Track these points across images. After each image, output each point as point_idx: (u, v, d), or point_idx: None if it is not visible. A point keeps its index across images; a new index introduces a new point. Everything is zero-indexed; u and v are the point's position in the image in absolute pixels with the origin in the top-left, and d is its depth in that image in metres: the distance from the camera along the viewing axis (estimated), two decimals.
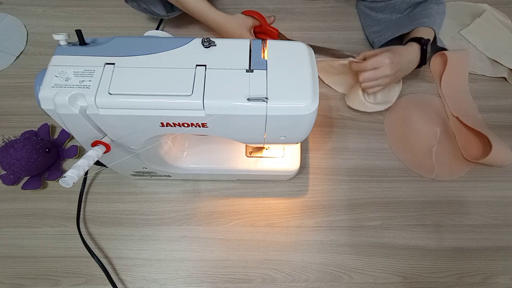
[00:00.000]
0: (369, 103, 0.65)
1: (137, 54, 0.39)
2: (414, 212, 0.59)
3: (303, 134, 0.44)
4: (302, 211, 0.59)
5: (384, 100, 0.66)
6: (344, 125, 0.67)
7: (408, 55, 0.62)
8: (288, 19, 0.79)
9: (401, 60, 0.61)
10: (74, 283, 0.54)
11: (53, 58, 0.38)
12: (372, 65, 0.59)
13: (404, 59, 0.61)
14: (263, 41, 0.40)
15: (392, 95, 0.68)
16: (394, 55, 0.59)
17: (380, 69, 0.59)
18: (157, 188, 0.61)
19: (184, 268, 0.55)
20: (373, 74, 0.59)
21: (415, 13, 0.68)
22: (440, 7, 0.67)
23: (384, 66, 0.58)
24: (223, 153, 0.57)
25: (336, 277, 0.55)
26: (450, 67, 0.70)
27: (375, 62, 0.59)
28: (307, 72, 0.38)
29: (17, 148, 0.55)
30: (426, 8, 0.67)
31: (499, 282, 0.55)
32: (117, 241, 0.57)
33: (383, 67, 0.58)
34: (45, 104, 0.37)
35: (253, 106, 0.37)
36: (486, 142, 0.62)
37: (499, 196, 0.61)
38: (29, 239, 0.57)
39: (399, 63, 0.60)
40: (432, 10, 0.66)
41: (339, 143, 0.65)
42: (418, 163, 0.63)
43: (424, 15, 0.65)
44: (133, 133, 0.41)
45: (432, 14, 0.65)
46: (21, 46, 0.75)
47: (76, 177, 0.35)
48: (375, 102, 0.65)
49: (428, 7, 0.66)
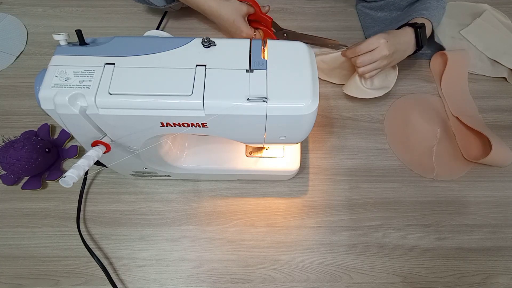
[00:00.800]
0: (367, 89, 0.63)
1: (137, 54, 0.39)
2: (414, 212, 0.59)
3: (303, 134, 0.44)
4: (302, 211, 0.59)
5: (382, 85, 0.66)
6: (344, 125, 0.67)
7: (402, 36, 0.61)
8: (288, 19, 0.79)
9: (396, 40, 0.59)
10: (74, 283, 0.54)
11: (53, 58, 0.38)
12: (367, 47, 0.58)
13: (399, 40, 0.60)
14: (263, 41, 0.40)
15: (389, 81, 0.66)
16: (389, 35, 0.58)
17: (376, 50, 0.57)
18: (157, 188, 0.61)
19: (184, 268, 0.55)
20: (370, 55, 0.58)
21: (414, 7, 0.68)
22: (440, 3, 0.67)
23: (380, 47, 0.57)
24: (223, 153, 0.57)
25: (336, 277, 0.55)
26: (450, 67, 0.70)
27: (370, 44, 0.57)
28: (307, 72, 0.38)
29: (17, 148, 0.55)
30: (425, 2, 0.66)
31: (499, 282, 0.55)
32: (117, 241, 0.57)
33: (379, 47, 0.57)
34: (45, 104, 0.37)
35: (253, 106, 0.37)
36: (486, 142, 0.62)
37: (499, 196, 0.61)
38: (29, 239, 0.57)
39: (395, 43, 0.59)
40: (431, 5, 0.65)
41: (339, 143, 0.65)
42: (418, 163, 0.63)
43: (423, 8, 0.65)
44: (133, 133, 0.41)
45: (431, 8, 0.65)
46: (21, 46, 0.75)
47: (76, 177, 0.35)
48: (373, 88, 0.64)
49: (428, 2, 0.66)
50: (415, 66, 0.73)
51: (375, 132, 0.66)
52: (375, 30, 0.74)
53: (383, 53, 0.57)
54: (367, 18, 0.77)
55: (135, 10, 0.79)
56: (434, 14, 0.64)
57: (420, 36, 0.61)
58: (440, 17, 0.67)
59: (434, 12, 0.65)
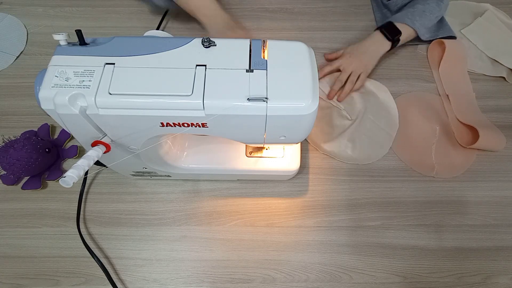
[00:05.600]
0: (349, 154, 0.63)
1: (137, 54, 0.39)
2: (414, 212, 0.59)
3: (303, 134, 0.44)
4: (302, 211, 0.59)
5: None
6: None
7: (366, 40, 0.68)
8: (288, 19, 0.79)
9: (360, 52, 0.67)
10: (74, 283, 0.54)
11: (53, 58, 0.38)
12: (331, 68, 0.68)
13: (362, 47, 0.68)
14: (263, 41, 0.40)
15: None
16: (351, 50, 0.68)
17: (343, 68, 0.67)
18: (157, 188, 0.61)
19: (184, 268, 0.55)
20: (343, 74, 0.66)
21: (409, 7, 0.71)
22: (438, 6, 0.68)
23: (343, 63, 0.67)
24: (223, 153, 0.57)
25: (336, 277, 0.55)
26: (448, 52, 0.71)
27: (335, 63, 0.67)
28: (307, 72, 0.38)
29: (17, 148, 0.55)
30: (424, 3, 0.68)
31: (499, 282, 0.55)
32: (117, 241, 0.57)
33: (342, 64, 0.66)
34: (45, 104, 0.37)
35: (253, 106, 0.37)
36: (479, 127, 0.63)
37: (499, 196, 0.61)
38: (29, 239, 0.57)
39: (359, 55, 0.67)
40: (428, 7, 0.68)
41: None
42: (418, 162, 0.63)
43: (416, 11, 0.68)
44: (133, 133, 0.41)
45: (416, 12, 0.68)
46: (21, 46, 0.75)
47: (76, 177, 0.35)
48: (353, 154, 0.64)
49: (427, 3, 0.68)
50: (414, 66, 0.73)
51: None
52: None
53: (350, 65, 0.66)
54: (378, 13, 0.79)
55: (135, 10, 0.79)
56: (414, 18, 0.67)
57: (386, 33, 0.67)
58: (426, 19, 0.68)
59: (419, 16, 0.67)
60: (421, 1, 0.69)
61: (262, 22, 0.78)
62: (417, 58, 0.74)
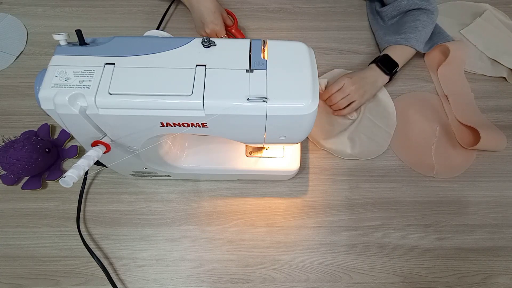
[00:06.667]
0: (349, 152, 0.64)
1: (137, 54, 0.39)
2: (414, 212, 0.59)
3: (303, 134, 0.44)
4: (302, 211, 0.59)
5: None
6: None
7: (366, 71, 0.66)
8: (288, 19, 0.79)
9: (360, 75, 0.65)
10: (74, 283, 0.54)
11: (53, 58, 0.38)
12: (337, 86, 0.64)
13: (363, 74, 0.66)
14: (263, 41, 0.40)
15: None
16: (352, 73, 0.66)
17: (344, 86, 0.64)
18: (157, 188, 0.61)
19: (184, 268, 0.55)
20: (341, 92, 0.64)
21: (401, 24, 0.69)
22: (429, 19, 0.67)
23: (346, 83, 0.64)
24: (223, 153, 0.57)
25: (336, 277, 0.55)
26: (452, 55, 0.70)
27: (338, 83, 0.64)
28: (307, 72, 0.38)
29: (17, 148, 0.55)
30: (414, 19, 0.67)
31: (499, 282, 0.55)
32: (117, 241, 0.57)
33: (345, 83, 0.64)
34: (45, 104, 0.37)
35: (253, 106, 0.37)
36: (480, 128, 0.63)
37: (499, 196, 0.61)
38: (29, 239, 0.57)
39: (359, 78, 0.65)
40: (419, 23, 0.67)
41: None
42: (418, 162, 0.63)
43: (408, 29, 0.67)
44: (133, 133, 0.41)
45: (409, 30, 0.67)
46: (21, 46, 0.75)
47: (76, 177, 0.35)
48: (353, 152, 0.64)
49: (417, 19, 0.67)
50: (413, 66, 0.73)
51: None
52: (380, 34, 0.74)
53: (350, 87, 0.63)
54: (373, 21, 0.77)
55: (135, 10, 0.79)
56: (416, 36, 0.66)
57: (383, 67, 0.66)
58: (426, 34, 0.68)
59: (420, 33, 0.67)
60: (411, 17, 0.68)
61: (262, 22, 0.78)
62: (416, 58, 0.74)
